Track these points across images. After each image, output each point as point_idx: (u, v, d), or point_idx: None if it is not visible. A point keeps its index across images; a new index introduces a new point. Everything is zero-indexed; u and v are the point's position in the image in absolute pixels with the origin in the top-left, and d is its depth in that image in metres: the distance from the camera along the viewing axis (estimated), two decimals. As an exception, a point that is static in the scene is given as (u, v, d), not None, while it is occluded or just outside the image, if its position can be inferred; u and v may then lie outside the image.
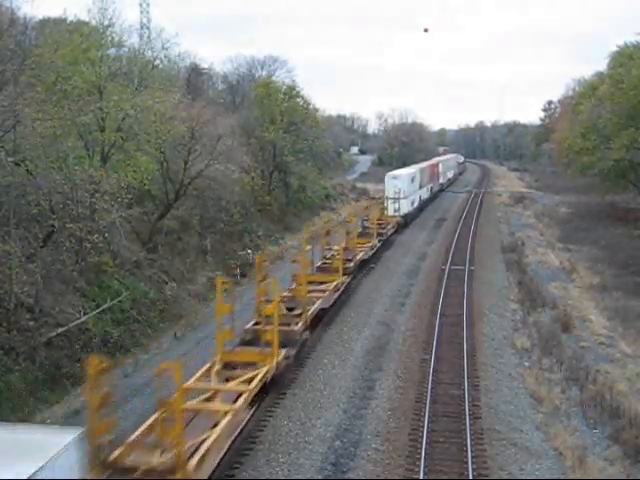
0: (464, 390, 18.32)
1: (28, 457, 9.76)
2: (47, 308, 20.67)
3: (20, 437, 10.78)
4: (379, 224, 40.60)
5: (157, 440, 11.45)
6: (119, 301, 23.69)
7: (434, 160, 78.30)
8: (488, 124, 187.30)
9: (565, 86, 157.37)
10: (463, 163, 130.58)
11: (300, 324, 19.99)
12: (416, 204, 54.05)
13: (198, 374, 15.90)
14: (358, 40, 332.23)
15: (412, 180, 51.79)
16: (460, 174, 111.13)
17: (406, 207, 48.74)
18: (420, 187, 56.10)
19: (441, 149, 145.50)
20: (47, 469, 9.60)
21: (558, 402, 18.12)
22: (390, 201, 47.72)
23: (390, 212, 46.78)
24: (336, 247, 29.09)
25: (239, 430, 14.56)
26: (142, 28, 55.30)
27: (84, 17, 33.51)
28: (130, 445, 11.72)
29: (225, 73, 78.63)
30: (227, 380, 15.96)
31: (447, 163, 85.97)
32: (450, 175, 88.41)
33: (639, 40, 54.84)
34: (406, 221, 48.80)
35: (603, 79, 58.50)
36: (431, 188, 64.42)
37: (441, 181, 75.37)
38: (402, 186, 48.29)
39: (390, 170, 67.06)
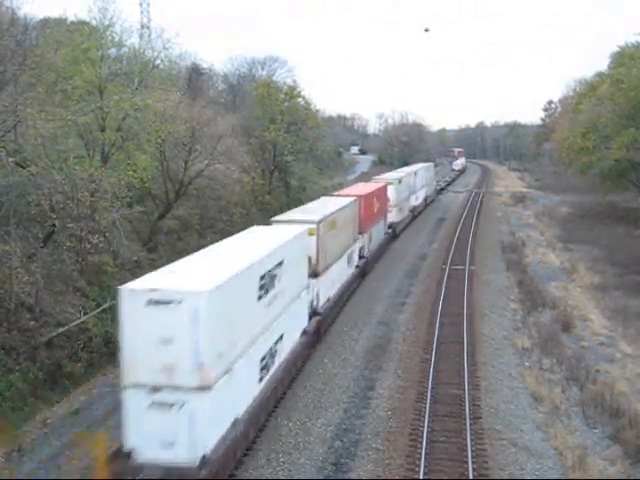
0: (464, 390, 18.32)
1: None
2: (47, 308, 20.67)
3: None
4: None
5: None
6: (119, 301, 23.64)
7: (383, 178, 44.21)
8: (488, 124, 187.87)
9: (566, 86, 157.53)
10: (462, 169, 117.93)
11: None
12: (267, 378, 15.90)
13: None
14: (358, 39, 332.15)
15: (262, 293, 15.27)
16: (443, 189, 78.90)
17: (208, 435, 12.23)
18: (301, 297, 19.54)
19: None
20: None
21: (558, 402, 18.11)
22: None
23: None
24: None
25: None
26: (142, 28, 55.26)
27: (84, 17, 33.53)
28: None
29: (225, 73, 78.82)
30: None
31: (414, 180, 52.08)
32: (417, 201, 54.25)
33: (639, 40, 55.00)
34: None
35: (603, 79, 58.54)
36: (356, 253, 29.26)
37: (394, 219, 41.42)
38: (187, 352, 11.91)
39: (393, 169, 62.73)
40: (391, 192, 40.42)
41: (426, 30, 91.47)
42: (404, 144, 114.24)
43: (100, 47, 30.18)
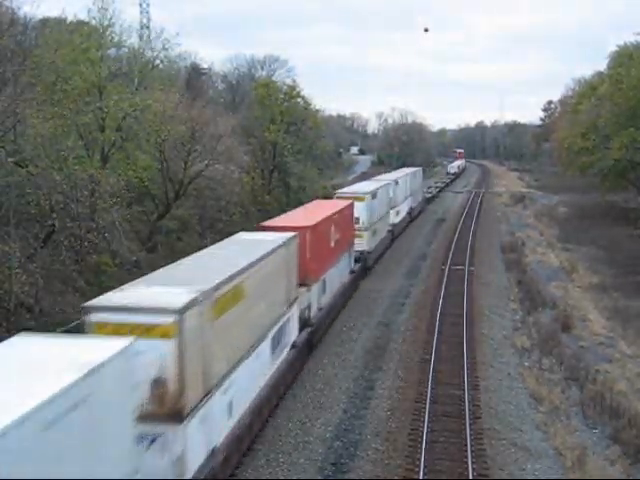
0: (464, 390, 18.30)
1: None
2: (47, 308, 20.69)
3: None
4: None
5: None
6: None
7: (350, 192, 32.72)
8: (488, 124, 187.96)
9: (565, 86, 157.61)
10: (458, 171, 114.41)
11: None
12: None
13: None
14: (358, 40, 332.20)
15: None
16: (433, 198, 69.68)
17: None
18: None
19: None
20: None
21: (558, 402, 18.10)
22: None
23: None
24: None
25: None
26: (142, 28, 55.31)
27: (84, 17, 33.60)
28: None
29: (225, 73, 78.86)
30: None
31: (394, 191, 40.45)
32: (399, 216, 43.12)
33: (639, 40, 55.01)
34: None
35: (603, 79, 58.56)
36: (294, 324, 18.47)
37: (366, 246, 31.16)
38: None
39: (392, 170, 62.81)
40: (360, 211, 29.97)
41: (426, 30, 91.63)
42: (404, 144, 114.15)
43: (100, 47, 30.24)
